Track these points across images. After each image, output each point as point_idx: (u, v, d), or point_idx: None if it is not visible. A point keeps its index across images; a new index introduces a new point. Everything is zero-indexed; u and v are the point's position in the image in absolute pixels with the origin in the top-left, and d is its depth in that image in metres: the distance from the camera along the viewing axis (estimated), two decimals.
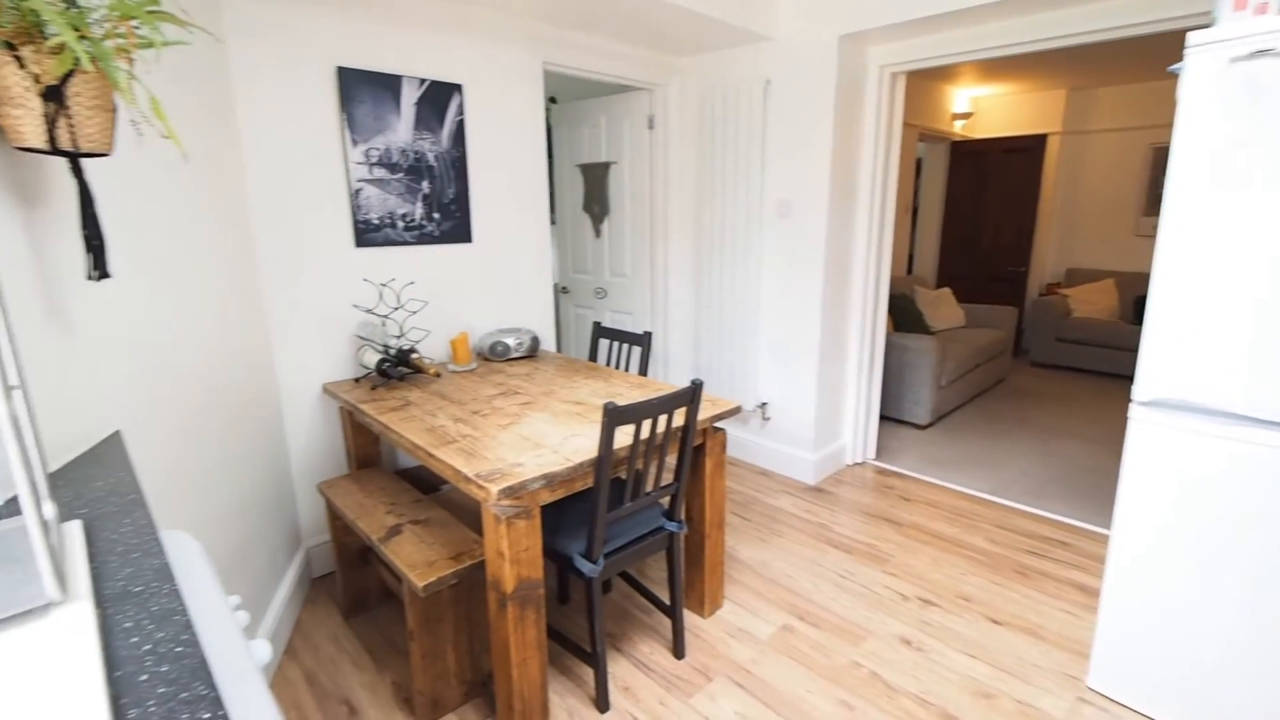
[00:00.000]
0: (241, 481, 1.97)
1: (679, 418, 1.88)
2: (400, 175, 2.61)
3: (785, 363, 3.38)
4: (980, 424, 4.27)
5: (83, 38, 0.94)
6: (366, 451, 2.45)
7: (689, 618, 2.27)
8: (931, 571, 2.55)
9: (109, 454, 1.13)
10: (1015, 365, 5.83)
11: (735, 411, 2.09)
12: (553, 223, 4.87)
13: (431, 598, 1.72)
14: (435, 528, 1.92)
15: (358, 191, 2.50)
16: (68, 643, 0.63)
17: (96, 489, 0.99)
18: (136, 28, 1.02)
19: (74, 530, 0.84)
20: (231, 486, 1.89)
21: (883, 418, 4.26)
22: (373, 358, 2.41)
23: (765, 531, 2.87)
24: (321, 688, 1.96)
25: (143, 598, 0.72)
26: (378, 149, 2.53)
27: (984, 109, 6.18)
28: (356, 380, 2.48)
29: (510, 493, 1.51)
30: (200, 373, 1.73)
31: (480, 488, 1.52)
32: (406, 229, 2.66)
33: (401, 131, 2.58)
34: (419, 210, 2.69)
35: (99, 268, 1.11)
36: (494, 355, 2.78)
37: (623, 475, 1.80)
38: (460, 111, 2.74)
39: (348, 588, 2.27)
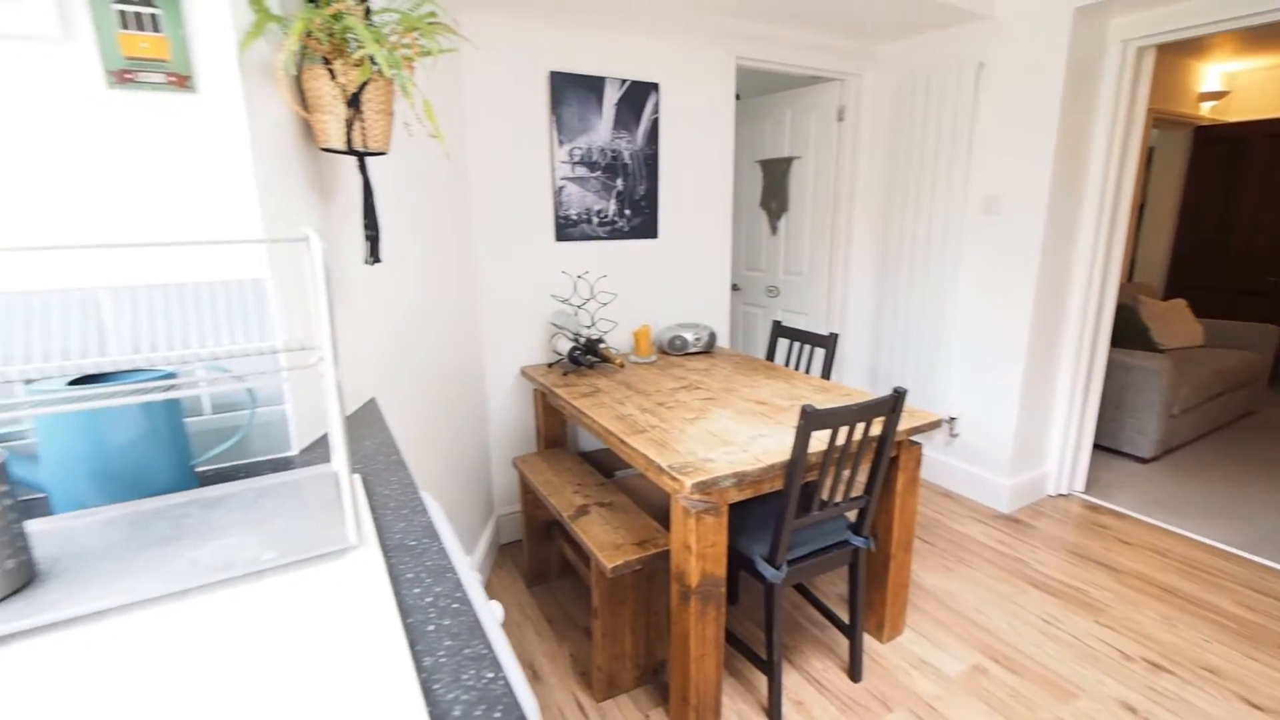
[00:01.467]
0: (455, 450, 2.18)
1: (876, 427, 1.77)
2: (598, 173, 2.72)
3: (981, 375, 3.08)
4: (1223, 464, 3.60)
5: (384, 50, 1.06)
6: (555, 432, 2.60)
7: (866, 640, 2.15)
8: (1161, 631, 2.18)
9: (370, 417, 1.29)
10: (1272, 396, 4.85)
11: (935, 425, 1.93)
12: None
13: (615, 580, 1.78)
14: (620, 512, 1.99)
15: (560, 189, 2.65)
16: (366, 581, 0.71)
17: (366, 447, 1.13)
18: (418, 38, 1.15)
19: (357, 483, 0.96)
20: (448, 454, 2.09)
21: (1094, 446, 3.75)
22: (565, 345, 2.55)
23: (950, 559, 2.64)
24: None
25: (416, 552, 0.80)
26: (580, 148, 2.66)
27: (1242, 86, 5.16)
28: (549, 365, 2.64)
29: (702, 488, 1.51)
30: (433, 350, 1.93)
31: (674, 479, 1.54)
32: (600, 224, 2.78)
33: (602, 131, 2.69)
34: (612, 206, 2.79)
35: (374, 254, 1.27)
36: (672, 349, 2.82)
37: (812, 481, 1.74)
38: (656, 110, 2.80)
39: (532, 558, 2.43)
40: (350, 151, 1.14)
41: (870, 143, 3.50)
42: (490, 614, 0.86)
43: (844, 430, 1.64)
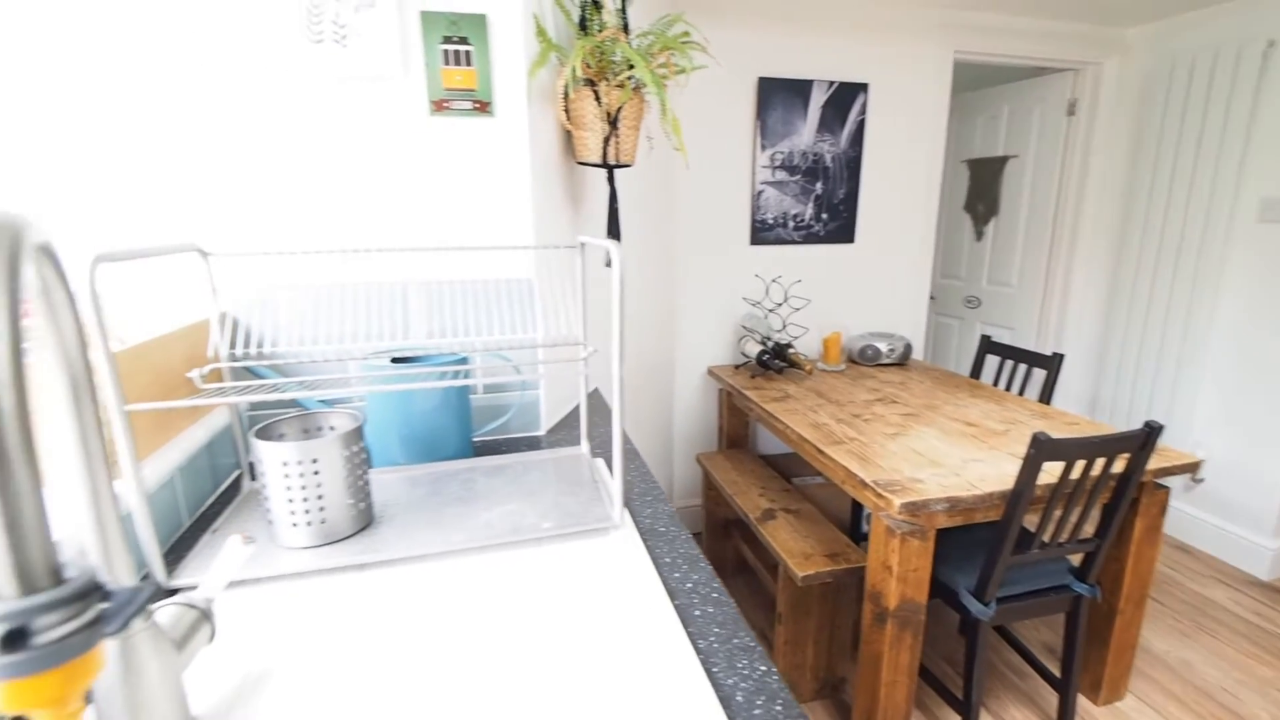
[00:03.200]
0: (641, 439, 2.30)
1: (1119, 464, 1.59)
2: (797, 177, 2.70)
3: (1242, 412, 2.61)
4: None
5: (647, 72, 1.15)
6: (738, 433, 2.63)
7: (1080, 699, 1.93)
8: None
9: (598, 404, 1.41)
10: None
11: (1192, 468, 1.68)
12: None
13: (803, 589, 1.77)
14: (807, 521, 1.97)
15: (759, 193, 2.67)
16: (631, 559, 0.79)
17: (601, 434, 1.23)
18: (672, 56, 1.22)
19: (601, 466, 1.05)
20: (636, 442, 2.21)
21: None
22: (753, 348, 2.57)
23: (1188, 624, 2.28)
24: None
25: (667, 538, 0.87)
26: (782, 152, 2.65)
27: None
28: (737, 367, 2.67)
29: (911, 509, 1.45)
30: (638, 342, 2.05)
31: (879, 496, 1.50)
32: (795, 229, 2.76)
33: (805, 135, 2.66)
34: (809, 210, 2.75)
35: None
36: (863, 359, 2.72)
37: (1033, 516, 1.60)
38: (862, 111, 2.71)
39: (710, 553, 2.48)
40: (604, 165, 1.25)
41: (1107, 140, 3.10)
42: None
43: (1079, 464, 1.49)
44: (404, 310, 1.13)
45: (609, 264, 1.38)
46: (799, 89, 2.61)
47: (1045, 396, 2.28)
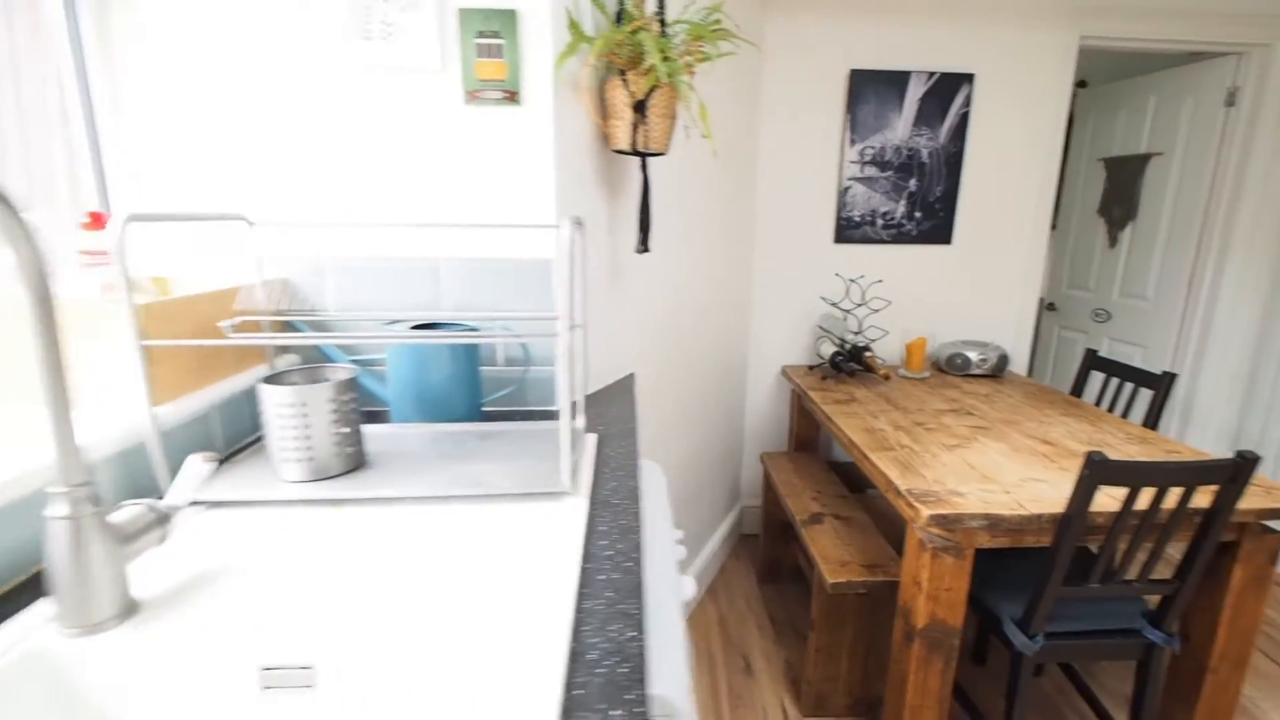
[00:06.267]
0: (706, 433, 2.31)
1: (1203, 496, 1.39)
2: (889, 173, 2.57)
3: None
4: None
5: (665, 59, 1.17)
6: (807, 435, 2.57)
7: None
8: None
9: (623, 388, 1.45)
10: None
11: None
12: (1052, 227, 4.16)
13: (837, 598, 1.71)
14: (855, 529, 1.90)
15: (846, 190, 2.58)
16: (569, 524, 0.83)
17: (611, 414, 1.28)
18: (701, 45, 1.24)
19: (591, 441, 1.10)
20: (698, 436, 2.23)
21: None
22: (829, 349, 2.49)
23: None
24: (728, 635, 2.18)
25: (617, 510, 0.89)
26: (873, 148, 2.54)
27: None
28: (810, 368, 2.60)
29: (942, 521, 1.37)
30: (690, 336, 2.06)
31: (910, 505, 1.42)
32: (885, 227, 2.63)
33: (899, 129, 2.53)
34: (901, 209, 2.62)
35: (644, 243, 1.41)
36: (950, 367, 2.55)
37: (1096, 546, 1.45)
38: (966, 103, 2.53)
39: (767, 554, 2.45)
40: (634, 152, 1.29)
41: (1274, 134, 2.67)
42: (675, 585, 0.92)
43: (1149, 492, 1.32)
44: (435, 285, 1.23)
45: (639, 249, 1.41)
46: (894, 80, 2.48)
47: (1151, 420, 2.03)
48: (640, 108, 1.23)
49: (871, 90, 2.48)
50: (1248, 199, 2.76)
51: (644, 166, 1.37)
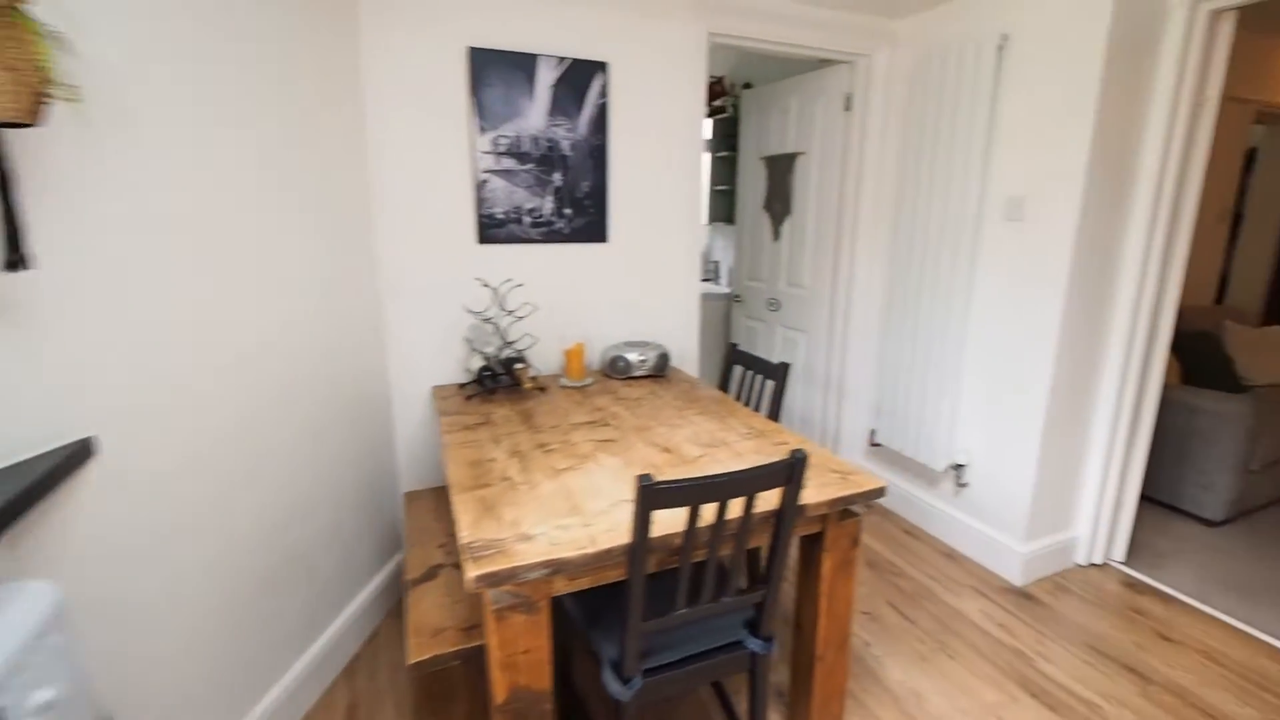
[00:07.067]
0: (328, 479, 1.86)
1: (771, 499, 1.33)
2: (530, 166, 2.36)
3: (996, 414, 2.54)
4: None
5: None
6: None
7: None
8: None
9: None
10: None
11: (876, 494, 1.47)
12: (732, 223, 4.41)
13: (437, 675, 1.42)
14: None
15: (483, 183, 2.31)
16: None
17: None
18: None
19: None
20: (311, 484, 1.77)
21: (1148, 501, 3.10)
22: (479, 364, 2.21)
23: (931, 645, 2.14)
24: None
25: None
26: (507, 137, 2.31)
27: None
28: (461, 385, 2.30)
29: (493, 580, 1.12)
30: (253, 368, 1.59)
31: (463, 563, 1.16)
32: (534, 225, 2.42)
33: (534, 117, 2.33)
34: (548, 205, 2.43)
35: (14, 253, 0.95)
36: (613, 371, 2.43)
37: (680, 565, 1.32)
38: (603, 94, 2.42)
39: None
40: None
41: (880, 137, 2.99)
42: None
43: (712, 507, 1.22)
44: None
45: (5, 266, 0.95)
46: (523, 64, 2.27)
47: (774, 411, 2.06)
48: None
49: (498, 73, 2.24)
50: (867, 197, 3.06)
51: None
